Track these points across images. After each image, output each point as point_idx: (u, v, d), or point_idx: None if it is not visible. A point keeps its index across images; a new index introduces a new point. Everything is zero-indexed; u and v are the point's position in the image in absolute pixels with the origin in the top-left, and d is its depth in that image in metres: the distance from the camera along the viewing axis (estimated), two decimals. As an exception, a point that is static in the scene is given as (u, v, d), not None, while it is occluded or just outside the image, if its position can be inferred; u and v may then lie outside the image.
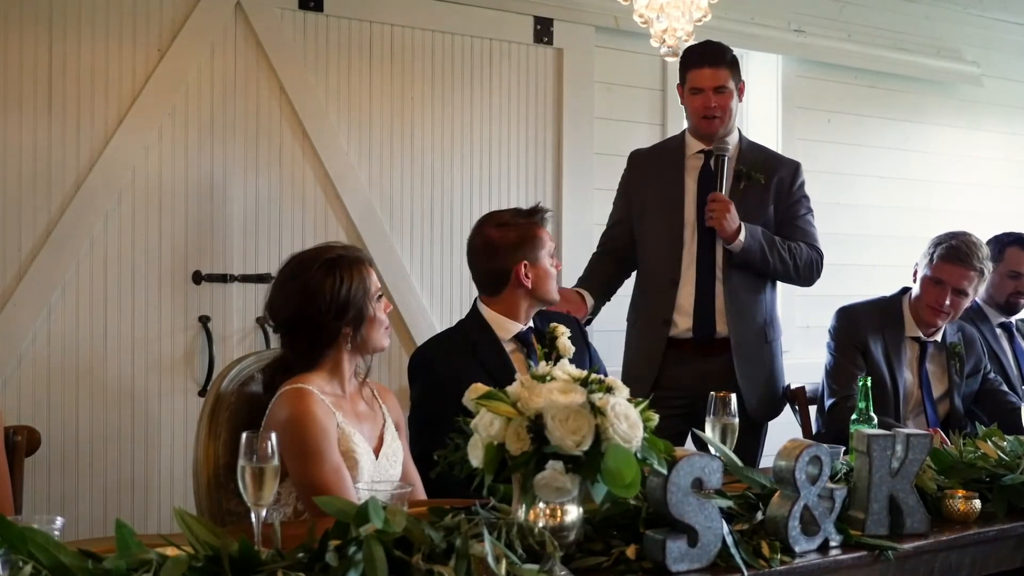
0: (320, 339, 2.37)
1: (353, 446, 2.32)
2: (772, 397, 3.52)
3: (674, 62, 3.44)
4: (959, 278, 3.38)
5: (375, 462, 2.38)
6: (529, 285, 2.85)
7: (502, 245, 2.86)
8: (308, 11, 3.72)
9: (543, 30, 4.15)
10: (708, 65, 3.39)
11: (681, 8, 2.92)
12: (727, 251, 3.39)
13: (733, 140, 3.49)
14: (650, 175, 3.55)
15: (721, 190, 3.37)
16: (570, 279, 3.96)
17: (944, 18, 5.22)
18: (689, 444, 3.10)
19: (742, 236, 3.34)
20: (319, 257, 2.40)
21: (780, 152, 4.83)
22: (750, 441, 3.35)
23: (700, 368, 3.39)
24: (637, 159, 3.64)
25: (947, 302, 3.38)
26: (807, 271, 3.50)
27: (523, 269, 2.84)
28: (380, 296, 2.46)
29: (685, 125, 3.62)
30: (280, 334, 2.44)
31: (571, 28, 4.20)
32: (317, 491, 2.19)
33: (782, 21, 4.71)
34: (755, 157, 3.52)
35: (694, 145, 3.52)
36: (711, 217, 3.33)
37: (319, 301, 2.34)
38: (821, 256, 3.54)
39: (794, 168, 3.57)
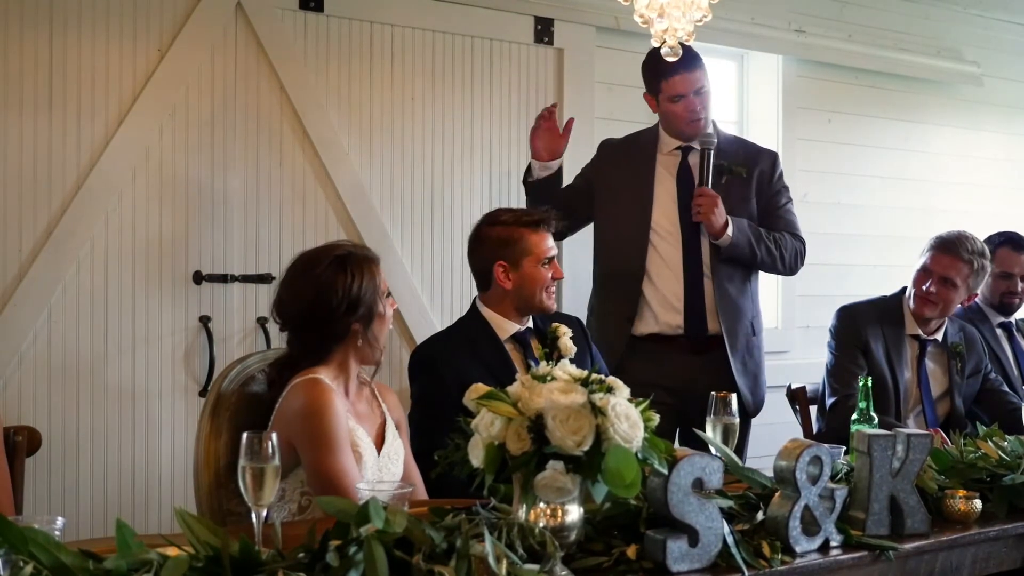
0: (330, 336, 2.38)
1: (358, 441, 2.34)
2: (761, 391, 3.50)
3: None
4: (946, 267, 3.41)
5: (377, 459, 2.39)
6: (508, 287, 2.82)
7: (486, 243, 2.85)
8: (308, 11, 3.71)
9: (543, 30, 4.15)
10: (685, 70, 3.32)
11: (681, 8, 2.91)
12: (713, 246, 3.37)
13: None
14: (621, 167, 3.48)
15: (707, 184, 3.34)
16: (570, 279, 3.95)
17: (944, 18, 5.22)
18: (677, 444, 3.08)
19: (730, 230, 3.32)
20: (330, 254, 2.41)
21: (780, 152, 4.85)
22: (742, 437, 3.33)
23: (691, 366, 3.35)
24: (608, 149, 3.58)
25: (933, 289, 3.40)
26: (792, 261, 3.50)
27: (500, 271, 2.81)
28: (388, 294, 2.48)
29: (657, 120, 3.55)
30: (288, 331, 2.44)
31: (571, 28, 4.20)
32: (331, 480, 2.20)
33: (782, 21, 4.71)
34: (734, 150, 3.48)
35: (670, 141, 3.47)
36: (698, 212, 3.30)
37: (331, 297, 2.35)
38: (804, 245, 3.54)
39: (773, 159, 3.55)
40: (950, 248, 3.43)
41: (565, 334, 2.86)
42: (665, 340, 3.39)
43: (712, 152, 3.36)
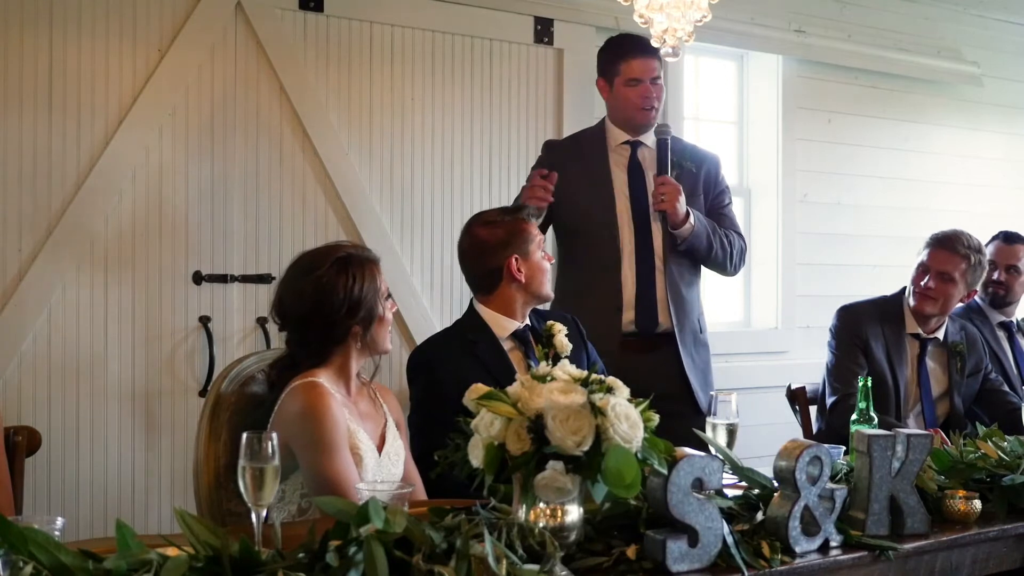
0: (330, 337, 2.38)
1: (358, 443, 2.34)
2: (711, 389, 3.45)
3: (675, 62, 3.43)
4: (942, 262, 3.44)
5: (378, 460, 2.39)
6: (523, 279, 2.85)
7: (491, 243, 2.86)
8: (308, 11, 3.71)
9: (543, 30, 4.15)
10: (644, 55, 3.32)
11: (681, 8, 2.91)
12: (668, 239, 3.35)
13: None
14: (575, 164, 3.43)
15: (668, 173, 3.31)
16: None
17: (944, 18, 5.22)
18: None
19: (692, 219, 3.31)
20: (331, 255, 2.41)
21: (780, 152, 4.85)
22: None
23: (640, 363, 3.25)
24: (556, 149, 3.53)
25: (932, 285, 3.43)
26: (739, 258, 3.51)
27: (515, 263, 2.84)
28: (388, 296, 2.48)
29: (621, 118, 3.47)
30: (288, 332, 2.45)
31: (571, 28, 4.20)
32: (329, 484, 2.20)
33: (782, 21, 4.71)
34: (680, 147, 3.46)
35: (618, 135, 3.45)
36: (662, 201, 3.27)
37: (333, 298, 2.35)
38: (746, 244, 3.56)
39: (718, 161, 3.57)
40: (946, 244, 3.46)
41: (560, 331, 2.87)
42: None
43: (669, 141, 3.34)
